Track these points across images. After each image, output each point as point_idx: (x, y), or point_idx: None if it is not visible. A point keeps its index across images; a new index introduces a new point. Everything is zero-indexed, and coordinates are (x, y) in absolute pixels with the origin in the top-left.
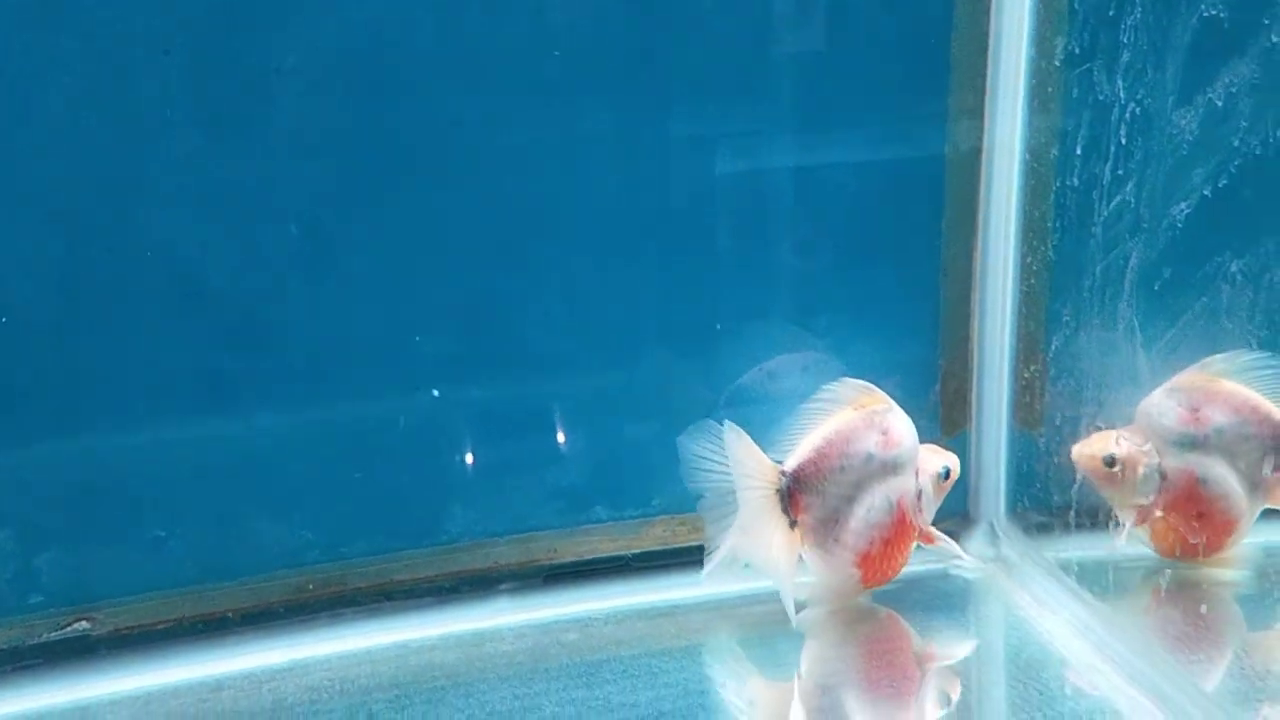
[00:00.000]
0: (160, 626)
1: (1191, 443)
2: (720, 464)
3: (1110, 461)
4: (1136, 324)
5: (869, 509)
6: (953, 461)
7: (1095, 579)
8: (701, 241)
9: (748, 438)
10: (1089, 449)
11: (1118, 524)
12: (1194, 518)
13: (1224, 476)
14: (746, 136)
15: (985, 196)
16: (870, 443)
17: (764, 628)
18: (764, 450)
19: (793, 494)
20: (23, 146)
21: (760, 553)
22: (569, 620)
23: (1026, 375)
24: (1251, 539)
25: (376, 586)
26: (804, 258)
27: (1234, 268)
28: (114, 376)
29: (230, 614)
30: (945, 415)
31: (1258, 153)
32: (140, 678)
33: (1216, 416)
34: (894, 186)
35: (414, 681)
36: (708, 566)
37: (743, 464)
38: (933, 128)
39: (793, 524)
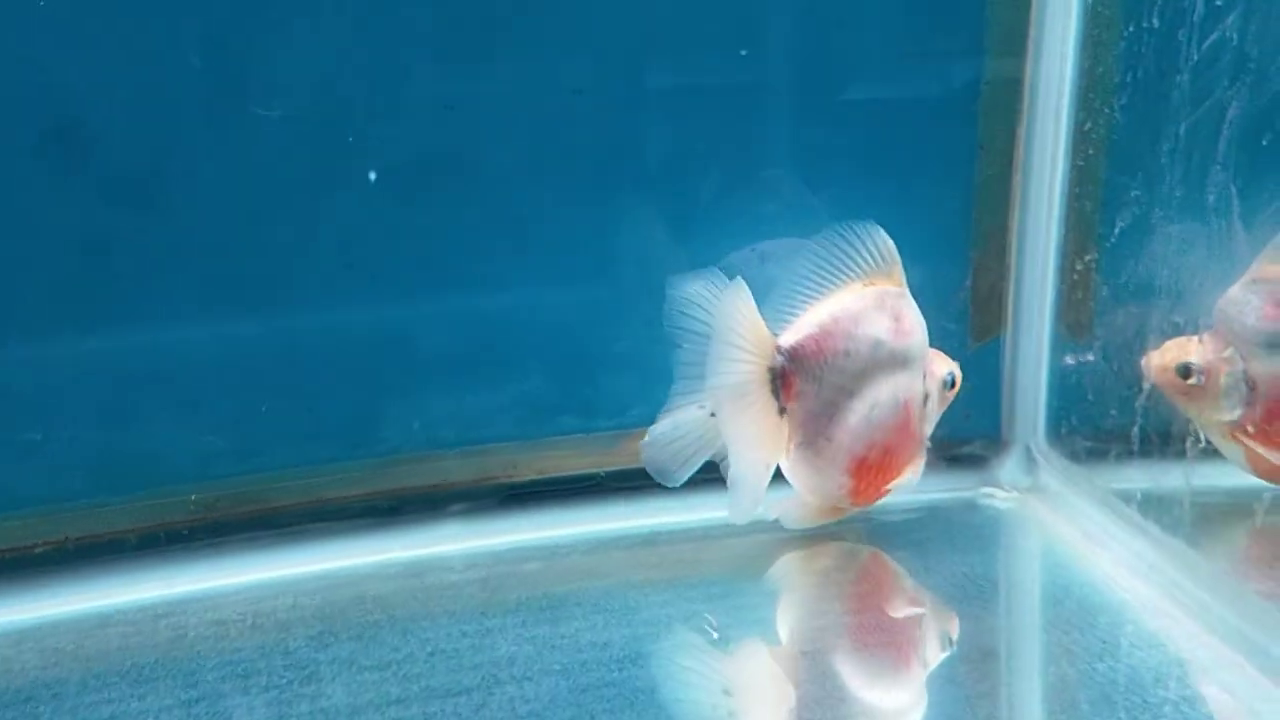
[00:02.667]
0: (37, 550)
1: None
2: (710, 323)
3: (1185, 371)
4: (1234, 191)
5: (873, 405)
6: (957, 370)
7: (1165, 510)
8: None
9: (751, 300)
10: (1160, 359)
11: (1200, 443)
12: None
13: None
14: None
15: (1034, 47)
16: (881, 327)
17: (755, 559)
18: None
19: (786, 375)
20: None
21: (738, 439)
22: (530, 547)
23: (1079, 268)
24: None
25: (301, 505)
26: (819, 121)
27: None
28: None
29: (125, 535)
30: (975, 317)
31: None
32: (10, 610)
33: None
34: (925, 26)
35: (341, 615)
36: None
37: (736, 329)
38: None
39: (782, 411)
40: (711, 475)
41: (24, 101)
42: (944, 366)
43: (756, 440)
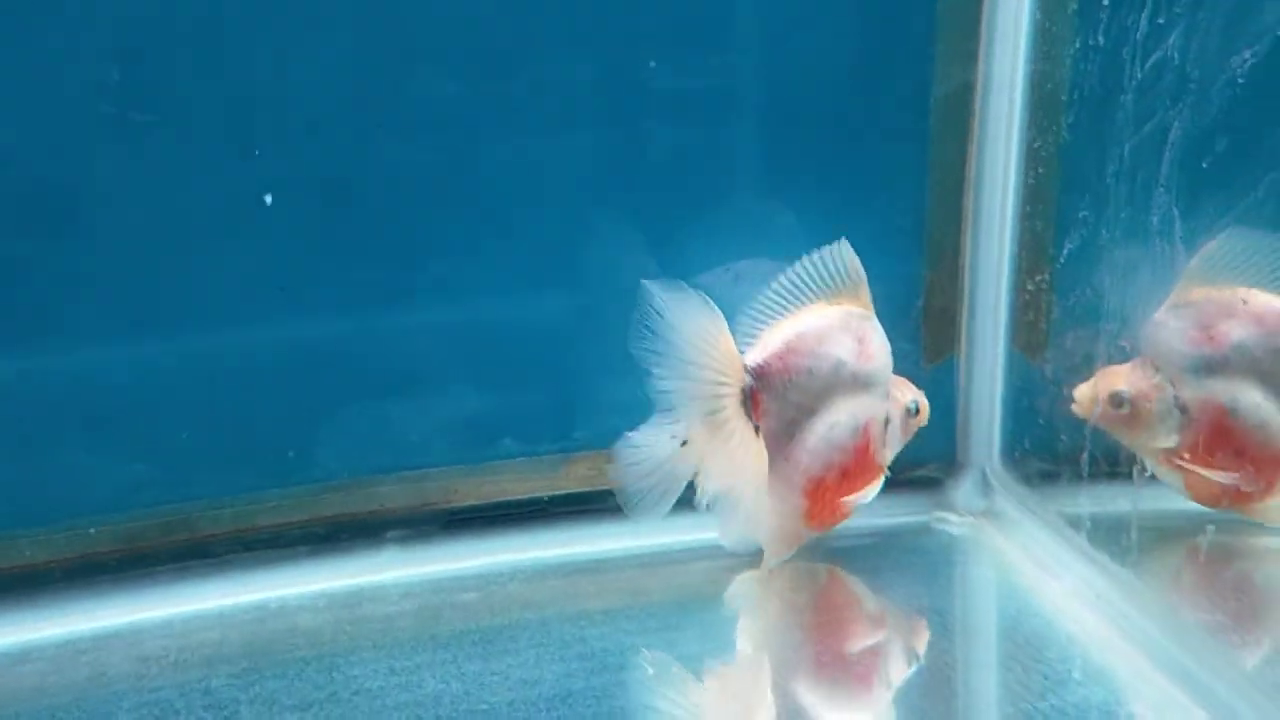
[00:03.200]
0: None
1: (1209, 366)
2: (680, 344)
3: (1118, 401)
4: (1177, 213)
5: (831, 426)
6: (922, 398)
7: (1113, 538)
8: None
9: (722, 321)
10: (1091, 390)
11: (1143, 470)
12: (1231, 455)
13: (1256, 402)
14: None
15: (984, 65)
16: (844, 348)
17: (702, 589)
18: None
19: (754, 394)
20: None
21: (726, 465)
22: (469, 576)
23: (1030, 288)
24: None
25: (233, 534)
26: (768, 137)
27: None
28: None
29: (48, 567)
30: (928, 338)
31: None
32: None
33: (1235, 331)
34: (876, 44)
35: (268, 651)
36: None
37: (709, 353)
38: None
39: (757, 429)
40: None
41: None
42: (908, 394)
43: (743, 463)
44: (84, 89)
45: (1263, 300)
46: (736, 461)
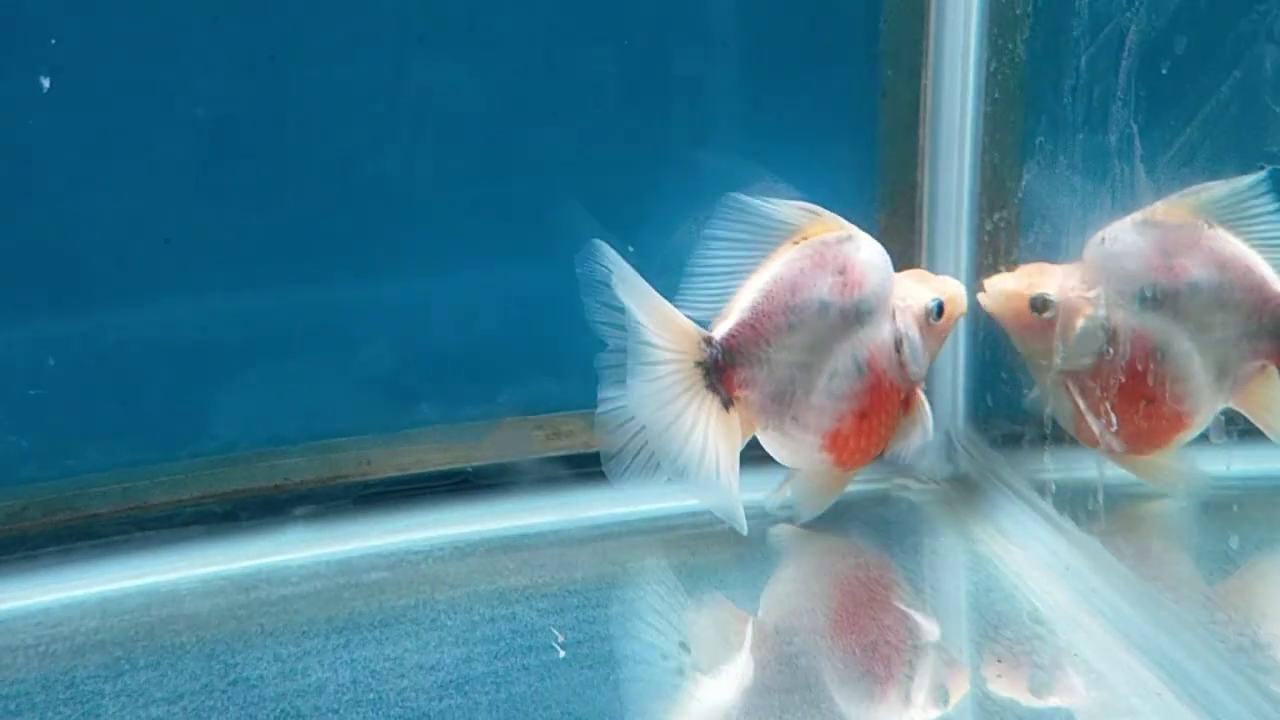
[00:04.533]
0: None
1: (1157, 299)
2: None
3: (1041, 304)
4: (1135, 129)
5: (831, 376)
6: (949, 290)
7: (1079, 504)
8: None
9: (646, 288)
10: (1011, 283)
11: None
12: (1137, 401)
13: (1188, 353)
14: None
15: None
16: (823, 287)
17: (632, 565)
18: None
19: (725, 368)
20: None
21: (685, 443)
22: (380, 554)
23: (989, 228)
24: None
25: (121, 513)
26: (709, 68)
27: None
28: None
29: None
30: None
31: None
32: None
33: (1195, 270)
34: None
35: (146, 639)
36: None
37: (647, 327)
38: None
39: (728, 404)
40: (588, 469)
41: None
42: (926, 295)
43: (704, 439)
44: None
45: (1234, 247)
46: (701, 438)
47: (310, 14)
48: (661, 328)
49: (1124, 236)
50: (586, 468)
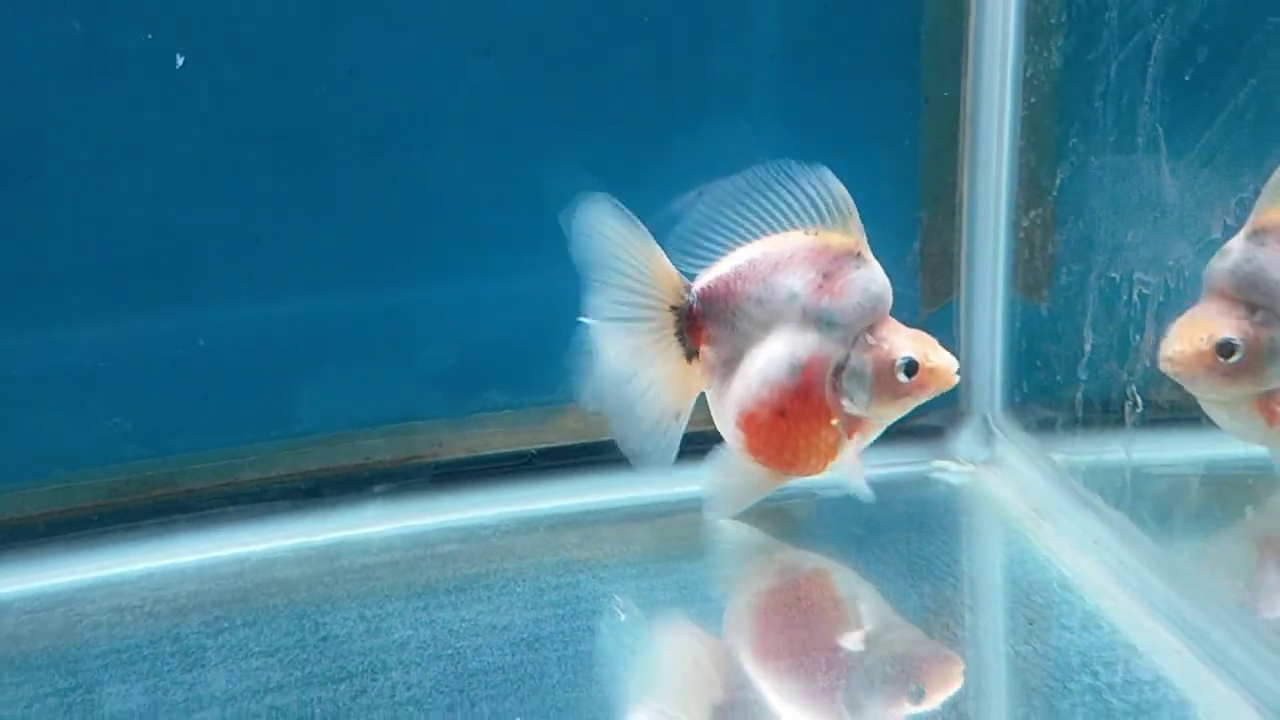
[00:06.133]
0: None
1: None
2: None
3: (1229, 349)
4: (1160, 132)
5: (767, 359)
6: (933, 359)
7: (1108, 483)
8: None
9: (635, 227)
10: (1190, 345)
11: (1138, 408)
12: None
13: None
14: None
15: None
16: (800, 281)
17: (691, 542)
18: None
19: (696, 318)
20: None
21: (641, 384)
22: (453, 529)
23: (1026, 224)
24: None
25: (215, 488)
26: (752, 73)
27: None
28: None
29: (32, 522)
30: (926, 283)
31: None
32: None
33: None
34: None
35: (242, 601)
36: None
37: (630, 266)
38: None
39: (690, 355)
40: None
41: None
42: (909, 348)
43: (664, 388)
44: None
45: None
46: (670, 387)
47: (385, 32)
48: (646, 267)
49: (1252, 253)
50: None
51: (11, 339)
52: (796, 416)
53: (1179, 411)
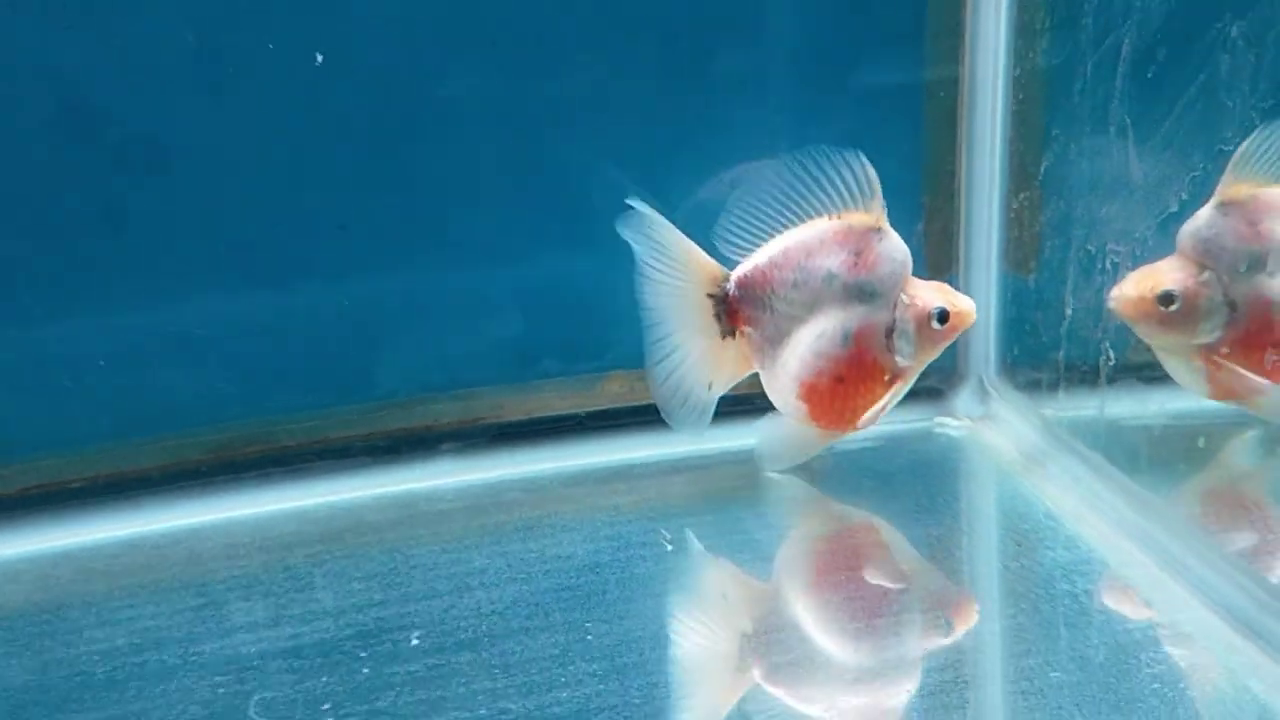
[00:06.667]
0: (71, 485)
1: (1256, 261)
2: (645, 262)
3: (1168, 299)
4: (1129, 122)
5: (819, 335)
6: (958, 306)
7: (1087, 431)
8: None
9: (672, 229)
10: (1135, 289)
11: (1110, 361)
12: (1271, 349)
13: None
14: None
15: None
16: (835, 261)
17: (724, 490)
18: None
19: (734, 303)
20: None
21: (677, 359)
22: (514, 480)
23: (1016, 205)
24: None
25: (307, 445)
26: (764, 70)
27: (1234, 32)
28: (3, 214)
29: (149, 472)
30: (930, 258)
31: None
32: (45, 538)
33: (1277, 228)
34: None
35: (337, 538)
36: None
37: (669, 260)
38: None
39: (726, 334)
40: None
41: (34, 83)
42: (937, 299)
43: (696, 362)
44: (168, 48)
45: None
46: (701, 362)
47: (459, 33)
48: (684, 261)
49: (1213, 221)
50: None
51: (134, 314)
52: (855, 380)
53: (1147, 370)
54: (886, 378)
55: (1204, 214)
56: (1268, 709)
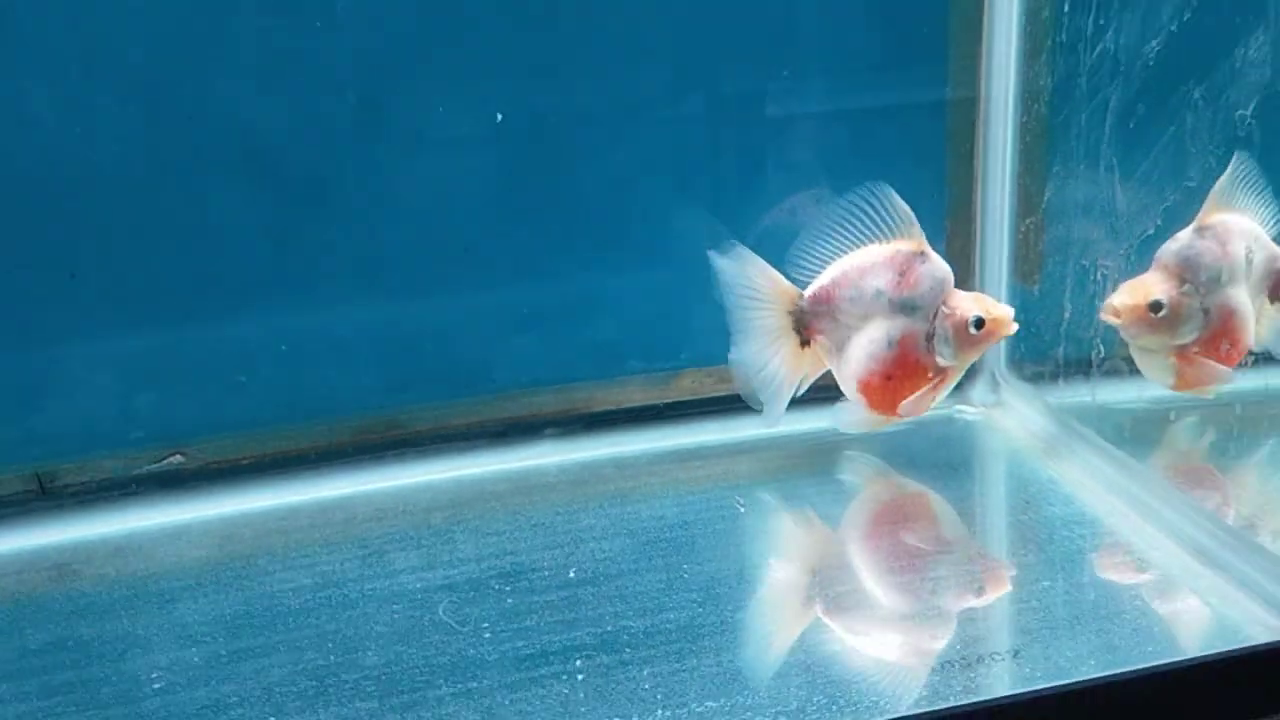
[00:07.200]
0: (244, 461)
1: (1224, 276)
2: (734, 289)
3: (1158, 307)
4: (1115, 162)
5: (870, 341)
6: (996, 314)
7: (1083, 412)
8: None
9: (760, 261)
10: (1131, 298)
11: (1100, 362)
12: (1228, 347)
13: (1247, 305)
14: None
15: (986, 60)
16: (883, 280)
17: (783, 467)
18: (799, 270)
19: (807, 317)
20: (114, 25)
21: (765, 362)
22: (606, 459)
23: (1023, 228)
24: None
25: (434, 429)
26: (823, 125)
27: (1197, 94)
28: (193, 238)
29: (307, 452)
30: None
31: None
32: (226, 504)
33: (1235, 246)
34: (899, 54)
35: (467, 504)
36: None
37: (758, 286)
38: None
39: (803, 343)
40: (742, 405)
41: (224, 132)
42: (974, 309)
43: (778, 362)
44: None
45: (1243, 220)
46: (779, 364)
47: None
48: (769, 286)
49: (1193, 242)
50: (742, 402)
51: (295, 319)
52: (901, 377)
53: (1128, 364)
54: (931, 374)
55: (1184, 236)
56: (1224, 619)
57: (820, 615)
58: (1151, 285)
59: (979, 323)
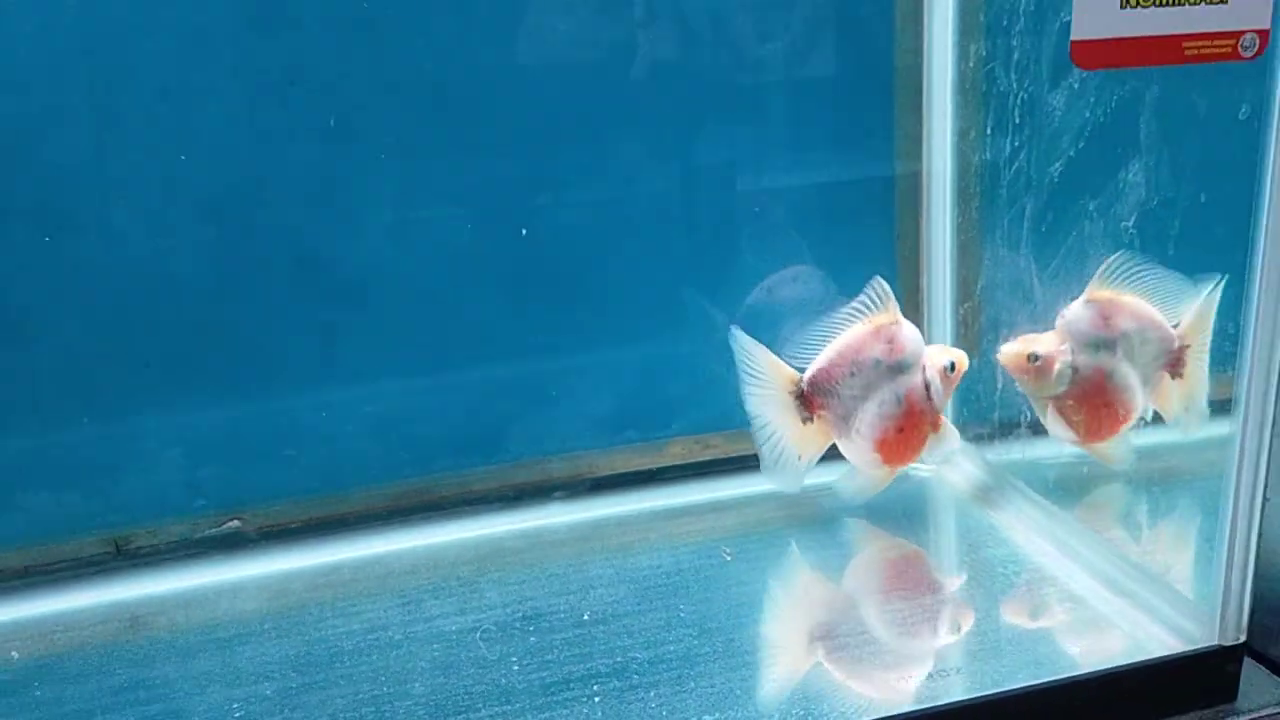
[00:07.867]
0: (294, 524)
1: (1103, 345)
2: (746, 374)
3: (1034, 357)
4: (1031, 259)
5: (881, 404)
6: (959, 356)
7: (1017, 469)
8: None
9: (764, 349)
10: (1014, 347)
11: (1028, 421)
12: (1101, 406)
13: (1125, 373)
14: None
15: (927, 174)
16: (877, 351)
17: (762, 520)
18: (793, 353)
19: (809, 397)
20: (184, 159)
21: (778, 439)
22: (608, 518)
23: (962, 311)
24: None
25: (458, 494)
26: (786, 233)
27: (1091, 207)
28: (253, 334)
29: (347, 516)
30: None
31: (1101, 120)
32: (279, 563)
33: (1124, 323)
34: (855, 175)
35: (489, 558)
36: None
37: (762, 371)
38: (882, 127)
39: (806, 419)
40: (726, 467)
41: (276, 240)
42: (946, 357)
43: (789, 439)
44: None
45: (1143, 307)
46: (787, 439)
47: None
48: (772, 371)
49: (1078, 311)
50: (725, 465)
51: (335, 397)
52: (911, 428)
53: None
54: (929, 419)
55: (1075, 306)
56: (1130, 638)
57: (799, 642)
58: (1037, 340)
59: (951, 367)
